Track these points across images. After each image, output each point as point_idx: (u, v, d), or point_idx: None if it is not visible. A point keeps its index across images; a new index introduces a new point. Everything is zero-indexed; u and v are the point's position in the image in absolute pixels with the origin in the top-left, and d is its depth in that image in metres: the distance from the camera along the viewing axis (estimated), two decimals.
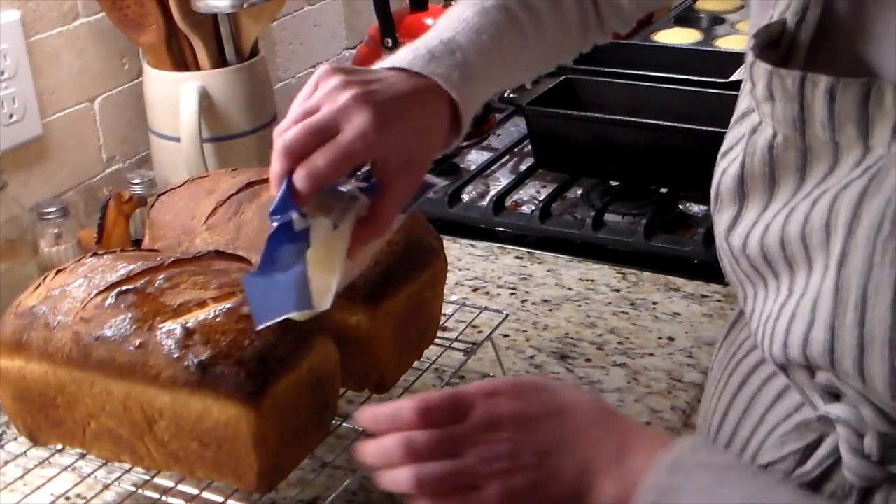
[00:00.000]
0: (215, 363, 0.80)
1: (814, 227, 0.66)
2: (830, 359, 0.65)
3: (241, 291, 0.84)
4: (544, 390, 0.71)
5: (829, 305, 0.65)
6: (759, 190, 0.71)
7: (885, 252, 0.62)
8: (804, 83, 0.66)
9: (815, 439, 0.70)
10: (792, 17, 0.71)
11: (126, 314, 0.84)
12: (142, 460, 0.87)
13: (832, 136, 0.66)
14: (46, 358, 0.87)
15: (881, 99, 0.64)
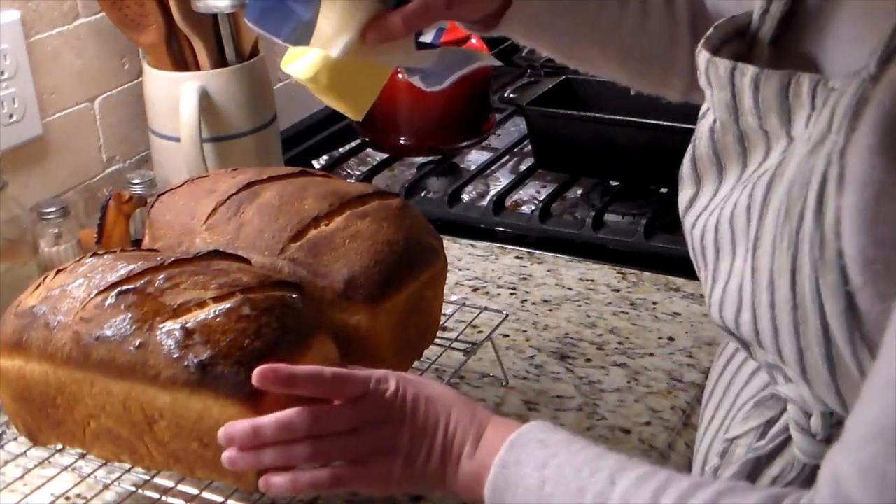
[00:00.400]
0: (215, 363, 0.80)
1: (739, 210, 0.70)
2: (757, 339, 0.69)
3: (240, 292, 0.84)
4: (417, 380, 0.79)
5: (749, 286, 0.68)
6: (710, 173, 0.75)
7: (782, 237, 0.65)
8: (734, 72, 0.70)
9: (775, 416, 0.74)
10: (757, 10, 0.74)
11: (126, 314, 0.84)
12: (142, 460, 0.87)
13: (760, 124, 0.70)
14: (46, 358, 0.86)
15: (799, 90, 0.66)
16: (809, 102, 0.66)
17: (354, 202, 0.98)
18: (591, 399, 1.08)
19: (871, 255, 0.61)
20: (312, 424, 0.76)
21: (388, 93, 1.57)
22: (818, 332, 0.64)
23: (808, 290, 0.64)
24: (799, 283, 0.64)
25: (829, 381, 0.66)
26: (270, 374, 0.76)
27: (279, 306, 0.85)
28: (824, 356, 0.65)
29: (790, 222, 0.64)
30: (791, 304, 0.65)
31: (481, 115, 1.61)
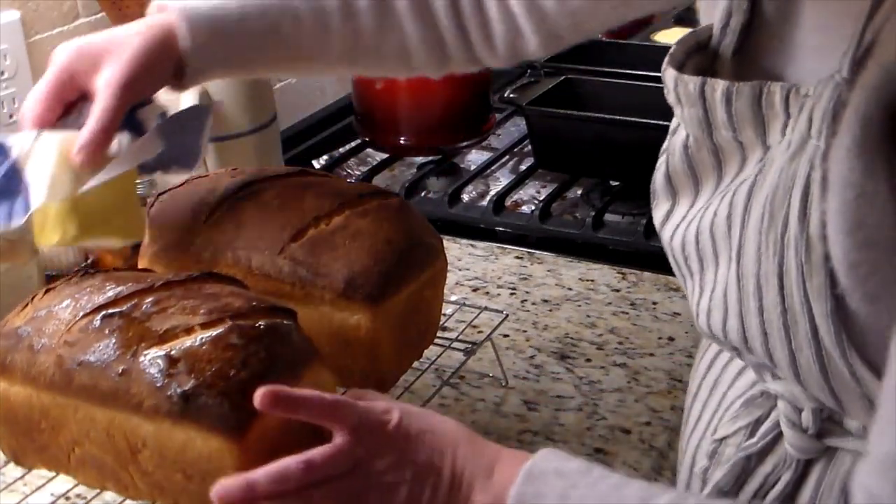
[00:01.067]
0: (199, 393, 0.78)
1: (720, 220, 0.70)
2: (745, 345, 0.69)
3: (230, 318, 0.82)
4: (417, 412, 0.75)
5: (735, 294, 0.68)
6: (685, 187, 0.75)
7: (768, 243, 0.65)
8: (704, 88, 0.70)
9: (764, 414, 0.74)
10: (717, 24, 0.74)
11: (110, 339, 0.81)
12: (126, 489, 0.85)
13: (735, 136, 0.70)
14: (30, 381, 0.84)
15: (772, 99, 0.67)
16: (783, 111, 0.67)
17: (354, 202, 0.98)
18: (591, 399, 1.08)
19: (855, 257, 0.61)
20: (307, 473, 0.72)
21: (388, 93, 1.58)
22: (808, 335, 0.65)
23: (797, 294, 0.64)
24: (787, 287, 0.64)
25: (821, 382, 0.66)
26: (270, 396, 0.72)
27: (269, 335, 0.82)
28: (815, 357, 0.65)
29: (775, 228, 0.65)
30: (780, 309, 0.65)
31: (481, 115, 1.61)
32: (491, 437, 1.01)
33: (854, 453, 0.69)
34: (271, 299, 0.88)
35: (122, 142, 0.89)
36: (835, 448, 0.70)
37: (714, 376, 0.82)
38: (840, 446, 0.69)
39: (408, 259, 0.96)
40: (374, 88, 1.59)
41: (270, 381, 0.80)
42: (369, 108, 1.61)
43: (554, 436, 1.02)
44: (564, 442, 1.01)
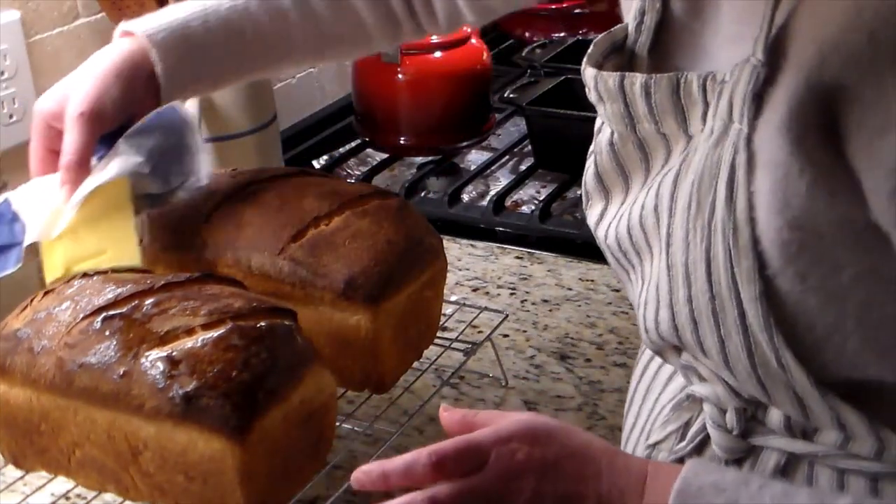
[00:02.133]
0: (200, 395, 0.78)
1: (647, 212, 0.71)
2: (676, 336, 0.69)
3: (230, 319, 0.82)
4: (558, 433, 0.69)
5: (665, 284, 0.69)
6: (616, 184, 0.76)
7: (695, 230, 0.66)
8: (623, 83, 0.71)
9: (693, 417, 0.74)
10: (632, 22, 0.75)
11: (111, 341, 0.81)
12: (127, 491, 0.85)
13: (658, 129, 0.71)
14: (30, 384, 0.84)
15: (689, 88, 0.68)
16: (702, 99, 0.67)
17: (354, 202, 0.98)
18: (591, 399, 1.08)
19: (786, 237, 0.62)
20: None
21: (388, 93, 1.58)
22: (736, 321, 0.65)
23: (724, 279, 0.64)
24: (714, 273, 0.65)
25: (749, 369, 0.66)
26: (363, 478, 0.68)
27: (270, 336, 0.82)
28: (743, 344, 0.65)
29: (702, 215, 0.65)
30: (709, 296, 0.65)
31: (481, 115, 1.61)
32: None
33: (779, 451, 0.69)
34: (271, 300, 0.88)
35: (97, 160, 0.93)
36: (760, 447, 0.70)
37: (647, 382, 0.82)
38: (764, 444, 0.70)
39: (408, 259, 0.96)
40: (374, 88, 1.59)
41: (272, 381, 0.80)
42: (369, 108, 1.61)
43: None
44: None
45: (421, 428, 1.04)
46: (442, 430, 1.03)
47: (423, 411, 1.03)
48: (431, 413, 1.06)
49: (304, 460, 0.86)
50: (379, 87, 1.58)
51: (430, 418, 1.05)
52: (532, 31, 2.00)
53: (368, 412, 0.98)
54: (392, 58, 1.54)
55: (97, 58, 0.94)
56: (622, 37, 0.76)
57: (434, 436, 1.02)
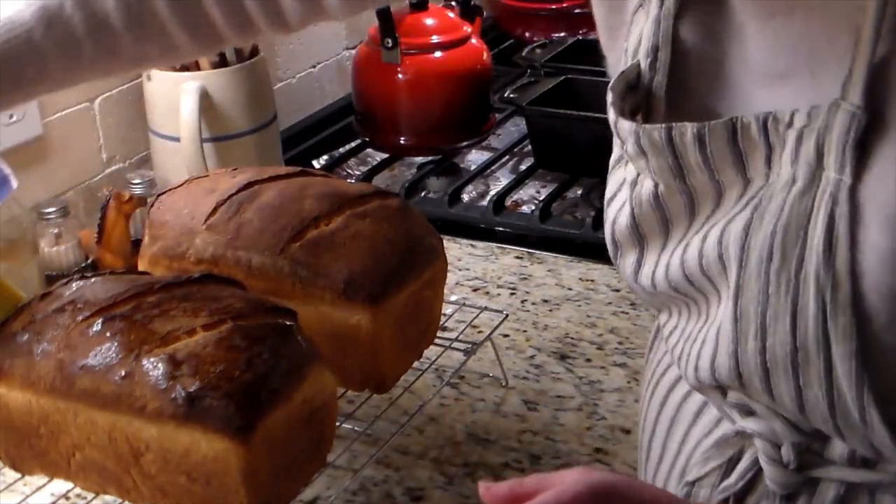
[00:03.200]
0: (203, 395, 0.77)
1: (710, 261, 0.67)
2: (739, 381, 0.66)
3: (232, 319, 0.81)
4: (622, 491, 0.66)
5: (729, 334, 0.66)
6: (654, 232, 0.72)
7: (778, 283, 0.63)
8: (671, 134, 0.67)
9: (736, 453, 0.71)
10: (644, 60, 0.71)
11: (112, 342, 0.81)
12: (128, 493, 0.85)
13: (712, 176, 0.67)
14: (29, 386, 0.84)
15: (748, 133, 0.64)
16: (763, 142, 0.64)
17: (354, 202, 0.98)
18: (591, 399, 1.08)
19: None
20: None
21: (388, 93, 1.58)
22: (820, 374, 0.63)
23: (812, 334, 0.62)
24: (801, 326, 0.62)
25: (827, 417, 0.64)
26: None
27: (272, 335, 0.82)
28: (824, 396, 0.63)
29: (787, 268, 0.63)
30: (790, 348, 0.63)
31: (481, 115, 1.61)
32: (491, 436, 1.02)
33: (838, 482, 0.67)
34: (272, 300, 0.88)
35: None
36: (817, 479, 0.68)
37: (670, 414, 0.79)
38: (823, 476, 0.68)
39: (408, 259, 0.96)
40: (374, 88, 1.59)
41: (274, 381, 0.80)
42: (369, 108, 1.61)
43: (554, 436, 1.02)
44: (564, 442, 1.01)
45: (421, 428, 1.04)
46: (442, 430, 1.03)
47: (423, 411, 1.03)
48: (431, 413, 1.06)
49: (305, 459, 0.86)
50: (379, 87, 1.58)
51: (430, 418, 1.05)
52: (532, 31, 2.00)
53: (368, 412, 0.98)
54: (392, 58, 1.54)
55: None
56: (634, 75, 0.72)
57: (434, 436, 1.02)
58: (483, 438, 1.02)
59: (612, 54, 0.77)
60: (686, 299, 0.72)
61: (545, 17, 2.00)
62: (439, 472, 0.98)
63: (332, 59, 1.84)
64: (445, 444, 1.02)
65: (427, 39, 1.56)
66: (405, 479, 0.97)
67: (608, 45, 0.78)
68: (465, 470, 0.98)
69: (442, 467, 0.98)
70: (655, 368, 0.83)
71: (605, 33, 0.78)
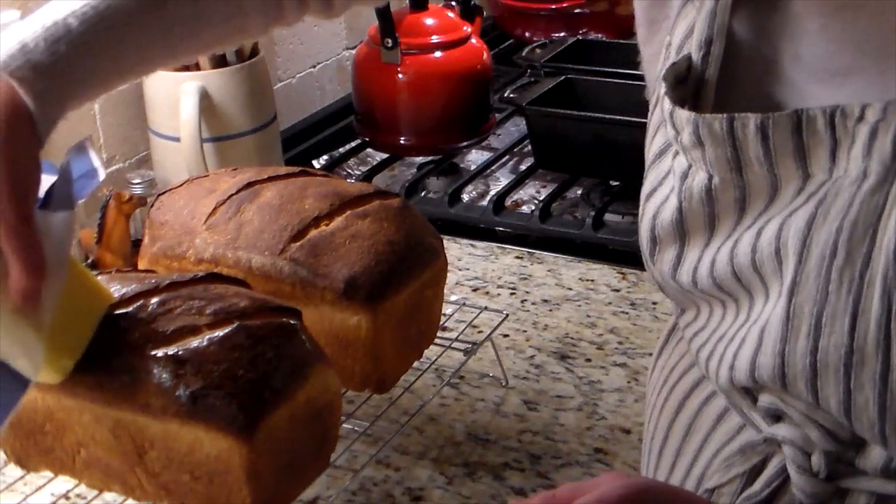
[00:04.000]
0: (206, 394, 0.78)
1: (764, 256, 0.66)
2: (782, 382, 0.65)
3: (236, 318, 0.81)
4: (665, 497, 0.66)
5: (778, 332, 0.64)
6: (698, 228, 0.70)
7: (840, 281, 0.61)
8: (733, 125, 0.65)
9: (761, 460, 0.70)
10: (696, 52, 0.70)
11: (116, 340, 0.81)
12: (133, 491, 0.85)
13: (770, 170, 0.66)
14: (34, 384, 0.83)
15: (813, 126, 0.63)
16: (829, 136, 0.63)
17: (355, 202, 0.98)
18: (591, 399, 1.08)
19: None
20: None
21: (388, 93, 1.58)
22: (875, 376, 0.61)
23: (873, 334, 0.60)
24: (860, 327, 0.61)
25: (874, 421, 0.63)
26: None
27: (276, 335, 0.82)
28: (876, 399, 0.62)
29: (851, 266, 0.61)
30: (845, 349, 0.61)
31: (481, 115, 1.61)
32: (491, 436, 1.02)
33: (868, 493, 0.66)
34: (277, 300, 0.88)
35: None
36: (847, 490, 0.66)
37: (686, 421, 0.78)
38: (854, 487, 0.66)
39: (408, 259, 0.97)
40: (374, 88, 1.59)
41: (278, 381, 0.80)
42: (369, 108, 1.61)
43: (554, 436, 1.02)
44: (564, 442, 1.01)
45: (421, 428, 1.04)
46: (442, 430, 1.03)
47: (423, 411, 1.03)
48: (431, 413, 1.06)
49: (308, 459, 0.86)
50: (379, 87, 1.58)
51: (430, 418, 1.05)
52: (532, 31, 2.00)
53: (368, 412, 0.98)
54: (392, 58, 1.54)
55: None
56: (685, 67, 0.70)
57: (434, 436, 1.02)
58: (483, 438, 1.02)
59: (649, 48, 0.76)
60: (726, 297, 0.70)
61: (545, 17, 2.00)
62: (439, 472, 0.98)
63: (332, 59, 1.84)
64: (445, 444, 1.02)
65: (427, 39, 1.56)
66: (405, 479, 0.97)
67: (646, 38, 0.77)
68: (465, 470, 0.98)
69: (442, 467, 0.98)
70: (669, 374, 0.81)
71: (644, 27, 0.77)
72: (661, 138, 0.73)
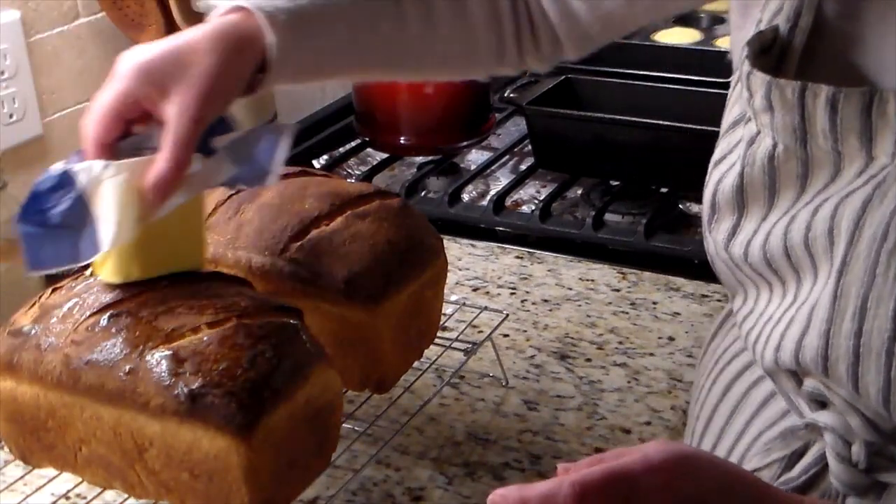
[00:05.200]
0: (205, 393, 0.78)
1: (817, 234, 0.65)
2: (824, 365, 0.65)
3: (236, 317, 0.82)
4: (709, 465, 0.63)
5: (825, 313, 0.64)
6: (758, 199, 0.70)
7: (889, 264, 0.61)
8: (804, 93, 0.65)
9: (801, 446, 0.70)
10: (784, 24, 0.70)
11: (117, 338, 0.81)
12: (133, 489, 0.85)
13: (834, 146, 0.65)
14: (37, 380, 0.85)
15: (884, 108, 0.63)
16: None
17: (355, 202, 0.98)
18: (591, 399, 1.08)
19: None
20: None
21: (388, 93, 1.58)
22: None
23: None
24: None
25: None
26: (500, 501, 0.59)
27: (276, 334, 0.82)
28: None
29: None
30: (889, 335, 0.61)
31: (481, 115, 1.61)
32: (491, 436, 1.02)
33: None
34: (278, 299, 0.88)
35: (192, 168, 0.82)
36: (884, 483, 0.66)
37: (732, 403, 0.78)
38: (892, 482, 0.65)
39: (408, 259, 0.96)
40: (374, 88, 1.59)
41: (278, 380, 0.80)
42: (369, 108, 1.61)
43: (554, 436, 1.02)
44: (564, 442, 1.01)
45: (421, 428, 1.04)
46: (442, 430, 1.03)
47: (423, 411, 1.03)
48: (431, 413, 1.06)
49: (309, 459, 0.86)
50: (379, 87, 1.58)
51: (430, 418, 1.05)
52: None
53: (368, 412, 0.98)
54: None
55: (199, 41, 0.82)
56: (771, 38, 0.70)
57: (434, 436, 1.02)
58: (483, 438, 1.02)
59: (740, 33, 0.76)
60: (774, 276, 0.70)
61: None
62: (439, 472, 0.98)
63: None
64: (445, 444, 1.02)
65: None
66: (405, 479, 0.97)
67: (739, 22, 0.77)
68: (465, 470, 0.98)
69: (442, 467, 0.98)
70: (721, 356, 0.81)
71: (738, 10, 0.77)
72: (737, 108, 0.73)
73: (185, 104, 0.80)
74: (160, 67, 0.81)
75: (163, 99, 0.80)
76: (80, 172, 0.80)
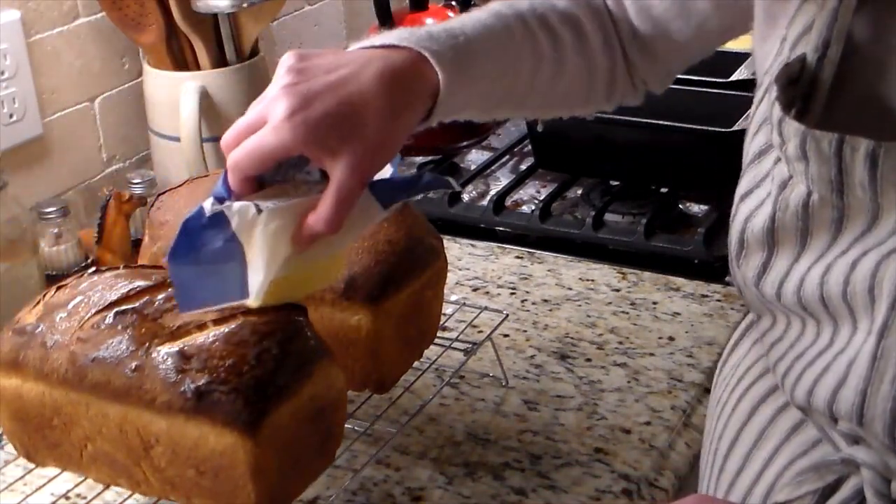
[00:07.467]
0: (212, 389, 0.78)
1: (856, 290, 0.64)
2: (859, 420, 0.63)
3: (242, 314, 0.82)
4: None
5: (864, 371, 0.63)
6: (790, 240, 0.69)
7: None
8: (842, 147, 0.63)
9: (835, 479, 0.68)
10: (812, 54, 0.68)
11: (123, 335, 0.82)
12: (139, 486, 0.85)
13: (873, 197, 0.64)
14: (42, 378, 0.85)
15: None
16: None
17: None
18: (591, 399, 1.08)
19: None
20: None
21: None
22: None
23: None
24: None
25: None
26: None
27: (282, 331, 0.82)
28: None
29: None
30: None
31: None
32: (491, 436, 1.02)
33: None
34: None
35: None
36: None
37: (758, 427, 0.76)
38: None
39: (408, 259, 0.96)
40: None
41: (283, 376, 0.80)
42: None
43: (554, 436, 1.02)
44: (564, 442, 1.01)
45: (421, 428, 1.04)
46: (442, 430, 1.03)
47: (423, 411, 1.03)
48: (431, 413, 1.06)
49: (313, 456, 0.86)
50: None
51: (430, 418, 1.05)
52: None
53: (368, 412, 0.98)
54: None
55: (369, 82, 0.77)
56: (798, 68, 0.68)
57: (434, 436, 1.02)
58: (483, 438, 1.02)
59: (764, 46, 0.74)
60: (807, 316, 0.68)
61: None
62: (439, 472, 0.98)
63: None
64: (445, 444, 1.02)
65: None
66: (405, 479, 0.97)
67: (763, 34, 0.75)
68: (465, 470, 0.98)
69: (442, 467, 0.98)
70: (743, 375, 0.79)
71: (762, 24, 0.75)
72: (762, 137, 0.71)
73: (354, 164, 0.76)
74: (333, 129, 0.75)
75: (331, 158, 0.76)
76: (235, 216, 0.78)
